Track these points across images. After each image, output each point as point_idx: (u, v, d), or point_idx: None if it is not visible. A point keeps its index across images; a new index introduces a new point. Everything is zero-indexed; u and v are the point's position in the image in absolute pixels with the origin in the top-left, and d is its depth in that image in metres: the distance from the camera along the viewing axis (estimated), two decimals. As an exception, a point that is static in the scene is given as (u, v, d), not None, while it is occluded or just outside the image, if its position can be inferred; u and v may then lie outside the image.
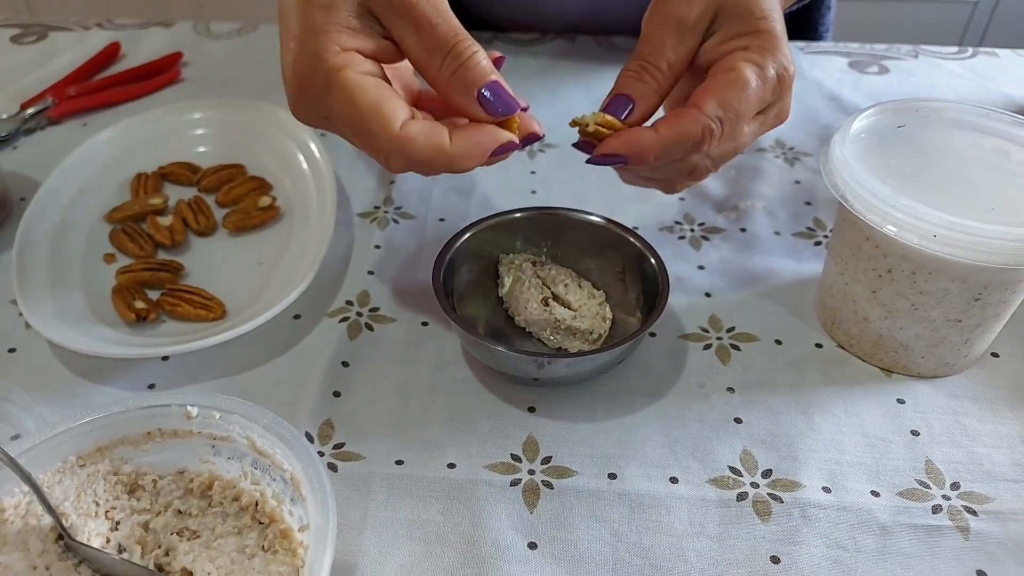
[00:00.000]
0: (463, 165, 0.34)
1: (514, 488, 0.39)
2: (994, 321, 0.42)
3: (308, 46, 0.33)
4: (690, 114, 0.37)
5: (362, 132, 0.33)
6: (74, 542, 0.32)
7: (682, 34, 0.38)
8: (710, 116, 0.36)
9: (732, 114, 0.37)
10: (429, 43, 0.34)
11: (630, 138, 0.37)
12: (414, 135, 0.33)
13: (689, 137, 0.37)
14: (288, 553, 0.32)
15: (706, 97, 0.37)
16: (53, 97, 0.65)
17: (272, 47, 0.75)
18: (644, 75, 0.38)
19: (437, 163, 0.34)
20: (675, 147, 0.37)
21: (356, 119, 0.33)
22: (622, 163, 0.38)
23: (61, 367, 0.44)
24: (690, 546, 0.37)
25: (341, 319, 0.48)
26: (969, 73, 0.72)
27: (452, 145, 0.34)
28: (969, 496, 0.39)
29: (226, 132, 0.61)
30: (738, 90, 0.37)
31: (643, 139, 0.37)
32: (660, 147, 0.37)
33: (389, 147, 0.33)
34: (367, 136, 0.33)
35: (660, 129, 0.37)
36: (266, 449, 0.34)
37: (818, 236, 0.54)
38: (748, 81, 0.37)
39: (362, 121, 0.33)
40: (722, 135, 0.37)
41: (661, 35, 0.38)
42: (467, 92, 0.34)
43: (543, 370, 0.40)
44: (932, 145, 0.44)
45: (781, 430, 0.41)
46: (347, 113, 0.33)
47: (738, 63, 0.37)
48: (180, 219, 0.53)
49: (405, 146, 0.33)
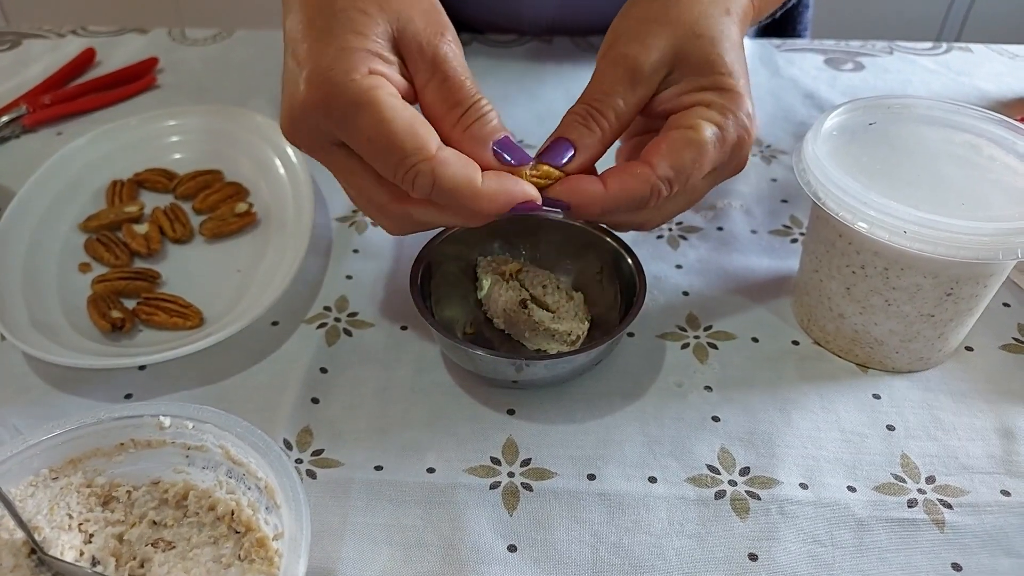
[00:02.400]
0: (486, 207, 0.34)
1: (494, 491, 0.39)
2: (967, 315, 0.42)
3: (339, 64, 0.33)
4: (640, 172, 0.36)
5: (395, 152, 0.32)
6: (47, 556, 0.32)
7: (635, 82, 0.37)
8: (660, 177, 0.36)
9: (683, 176, 0.36)
10: (452, 96, 0.35)
11: (576, 187, 0.36)
12: (449, 159, 0.33)
13: (636, 196, 0.36)
14: (265, 562, 0.32)
15: (659, 156, 0.36)
16: (27, 105, 0.65)
17: (248, 53, 0.74)
18: (590, 122, 0.37)
19: (463, 195, 0.33)
20: (622, 204, 0.36)
21: (390, 139, 0.32)
22: (565, 208, 0.37)
23: (36, 378, 0.44)
24: (669, 545, 0.37)
25: (319, 325, 0.47)
26: (943, 69, 0.73)
27: (483, 183, 0.34)
28: (944, 489, 0.39)
29: (202, 138, 0.61)
30: (694, 152, 0.36)
31: (590, 191, 0.36)
32: (606, 202, 0.36)
33: (422, 166, 0.33)
34: (400, 156, 0.32)
35: (608, 183, 0.36)
36: (240, 458, 0.33)
37: (794, 233, 0.54)
38: (705, 143, 0.36)
39: (397, 141, 0.32)
40: (670, 195, 0.37)
41: (612, 78, 0.37)
42: (483, 143, 0.35)
43: (522, 373, 0.40)
44: (903, 141, 0.44)
45: (758, 427, 0.42)
46: (378, 134, 0.32)
47: (698, 121, 0.36)
48: (156, 227, 0.53)
49: (438, 167, 0.33)
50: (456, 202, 0.34)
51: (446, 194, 0.33)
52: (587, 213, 0.37)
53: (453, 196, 0.33)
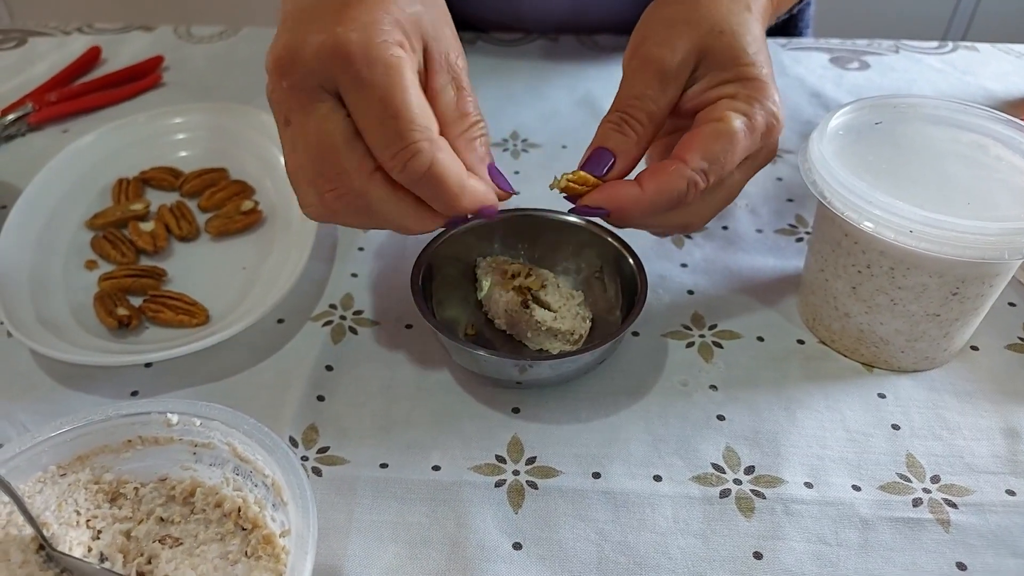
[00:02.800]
0: (464, 202, 0.35)
1: (499, 489, 0.39)
2: (972, 315, 0.42)
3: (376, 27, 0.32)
4: (675, 168, 0.36)
5: (402, 121, 0.32)
6: (55, 552, 0.32)
7: (664, 82, 0.37)
8: (695, 169, 0.36)
9: (718, 167, 0.36)
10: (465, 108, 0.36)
11: (613, 193, 0.37)
12: (447, 147, 0.34)
13: (673, 192, 0.36)
14: (271, 559, 0.32)
15: (691, 150, 0.36)
16: (33, 103, 0.65)
17: (254, 51, 0.74)
18: (625, 128, 0.38)
19: (451, 185, 0.33)
20: (660, 202, 0.36)
21: (404, 106, 0.32)
22: (605, 215, 0.38)
23: (43, 375, 0.44)
24: (674, 543, 0.37)
25: (324, 323, 0.47)
26: (949, 68, 0.73)
27: (468, 177, 0.35)
28: (949, 489, 0.39)
29: (208, 136, 0.61)
30: (724, 142, 0.36)
31: (626, 194, 0.37)
32: (645, 203, 0.36)
33: (423, 146, 0.32)
34: (406, 127, 0.32)
35: (644, 184, 0.36)
36: (247, 455, 0.34)
37: (800, 233, 0.54)
38: (735, 133, 0.36)
39: (410, 111, 0.32)
40: (708, 187, 0.37)
41: (642, 82, 0.38)
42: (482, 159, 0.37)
43: (526, 373, 0.40)
44: (909, 141, 0.44)
45: (764, 427, 0.42)
46: (393, 98, 0.32)
47: (726, 113, 0.36)
48: (162, 224, 0.53)
49: (438, 152, 0.33)
50: (442, 194, 0.34)
51: (437, 181, 0.33)
52: (628, 217, 0.37)
53: (441, 184, 0.33)
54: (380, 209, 0.35)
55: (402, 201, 0.35)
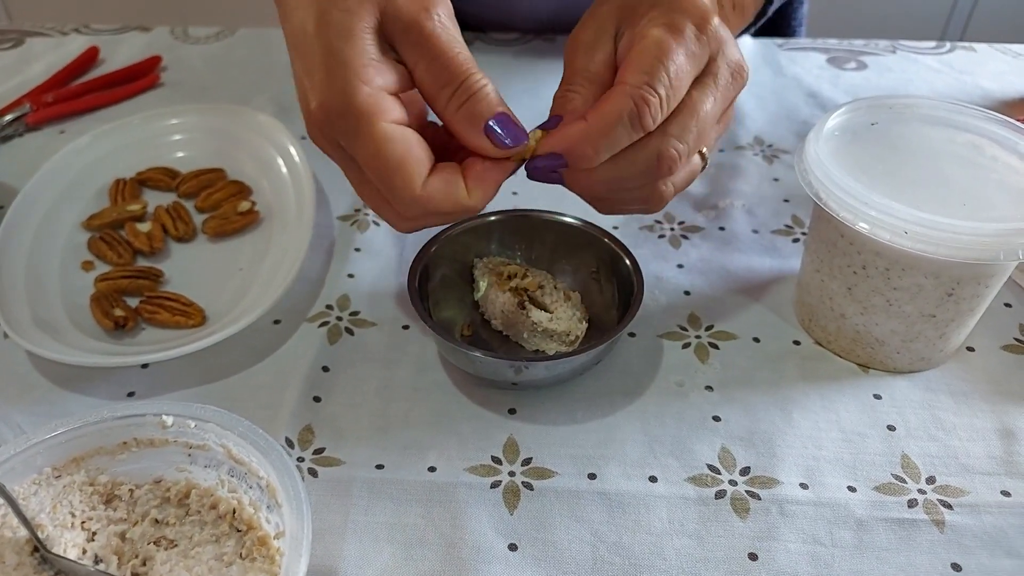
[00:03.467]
0: (479, 209, 0.36)
1: (494, 490, 0.39)
2: (968, 316, 0.42)
3: (337, 83, 0.33)
4: (614, 91, 0.35)
5: (386, 183, 0.34)
6: (50, 554, 0.32)
7: (589, 51, 0.37)
8: (635, 84, 0.34)
9: (662, 76, 0.34)
10: (442, 75, 0.34)
11: (560, 133, 0.35)
12: (433, 193, 0.34)
13: (621, 112, 0.34)
14: (266, 560, 0.32)
15: (624, 71, 0.35)
16: (30, 103, 0.65)
17: (251, 51, 0.74)
18: (568, 94, 0.37)
19: (455, 215, 0.35)
20: (611, 128, 0.34)
21: (381, 170, 0.33)
22: (562, 164, 0.36)
23: (39, 376, 0.44)
24: (669, 544, 0.37)
25: (321, 324, 0.47)
26: (947, 68, 0.73)
27: (470, 196, 0.35)
28: (944, 490, 0.39)
29: (205, 137, 0.61)
30: (652, 52, 0.34)
31: (573, 130, 0.35)
32: (593, 131, 0.34)
33: (410, 206, 0.34)
34: (389, 188, 0.34)
35: (588, 115, 0.35)
36: (242, 457, 0.34)
37: (796, 233, 0.54)
38: (660, 40, 0.34)
39: (387, 174, 0.33)
40: (664, 103, 0.34)
41: (572, 60, 0.38)
42: (475, 124, 0.34)
43: (521, 374, 0.40)
44: (905, 141, 0.44)
45: (759, 427, 0.42)
46: (372, 162, 0.34)
47: (645, 30, 0.36)
48: (159, 225, 0.53)
49: (425, 204, 0.34)
50: (448, 217, 0.36)
51: (439, 219, 0.36)
52: (582, 153, 0.35)
53: (448, 218, 0.36)
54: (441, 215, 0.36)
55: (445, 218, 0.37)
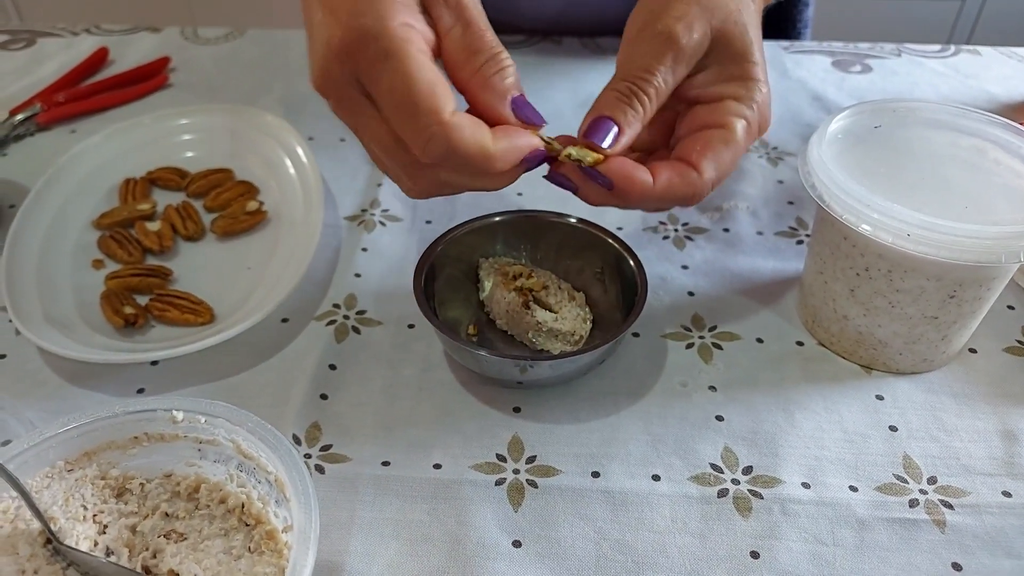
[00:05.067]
0: (498, 166, 0.34)
1: (499, 487, 0.39)
2: (970, 318, 0.43)
3: (370, 10, 0.32)
4: (689, 175, 0.36)
5: (411, 109, 0.32)
6: (62, 546, 0.32)
7: (677, 60, 0.36)
8: (706, 180, 0.36)
9: (724, 174, 0.37)
10: (473, 43, 0.34)
11: (628, 173, 0.35)
12: (462, 124, 0.33)
13: (683, 195, 0.36)
14: (274, 554, 0.33)
15: (705, 159, 0.36)
16: (42, 103, 0.66)
17: (260, 52, 0.75)
18: (632, 100, 0.36)
19: (475, 158, 0.33)
20: (666, 200, 0.36)
21: (408, 95, 0.32)
22: (605, 187, 0.36)
23: (51, 373, 0.45)
24: (672, 542, 0.37)
25: (328, 322, 0.48)
26: (952, 71, 0.73)
27: (493, 144, 0.33)
28: (946, 490, 0.39)
29: (214, 137, 0.61)
30: (732, 152, 0.37)
31: (638, 179, 0.35)
32: (652, 195, 0.36)
33: (435, 131, 0.32)
34: (414, 115, 0.32)
35: (657, 177, 0.36)
36: (251, 452, 0.34)
37: (800, 235, 0.55)
38: (740, 143, 0.37)
39: (414, 98, 0.32)
40: (715, 188, 0.37)
41: (654, 55, 0.36)
42: (500, 96, 0.34)
43: (526, 373, 0.41)
44: (908, 145, 0.44)
45: (762, 427, 0.42)
46: (399, 87, 0.32)
47: (731, 120, 0.37)
48: (168, 224, 0.54)
49: (451, 132, 0.32)
50: (471, 168, 0.34)
51: (460, 159, 0.33)
52: (629, 198, 0.36)
53: (467, 161, 0.33)
54: (453, 182, 0.35)
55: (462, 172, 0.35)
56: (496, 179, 0.35)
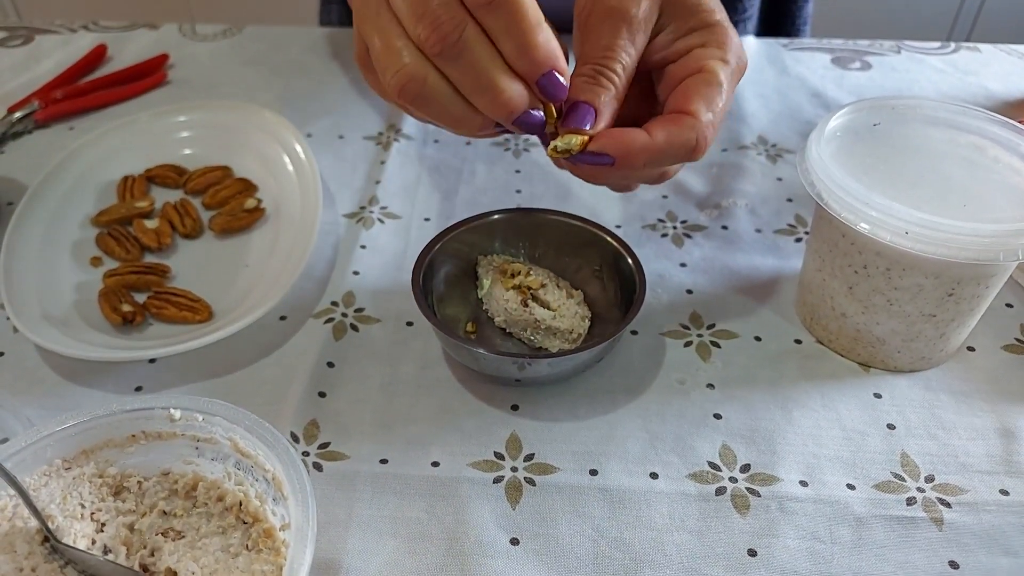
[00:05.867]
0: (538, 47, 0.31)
1: (497, 485, 0.39)
2: (968, 315, 0.43)
3: None
4: (683, 120, 0.35)
5: None
6: (60, 544, 0.32)
7: (632, 32, 0.36)
8: (704, 122, 0.35)
9: (719, 116, 0.36)
10: None
11: (620, 138, 0.35)
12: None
13: (686, 144, 0.35)
14: (272, 552, 0.33)
15: (691, 102, 0.36)
16: (40, 101, 0.65)
17: (258, 49, 0.75)
18: (601, 79, 0.36)
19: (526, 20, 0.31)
20: (670, 152, 0.35)
21: None
22: (608, 163, 0.35)
23: (48, 370, 0.45)
24: (670, 540, 0.37)
25: (326, 320, 0.48)
26: (951, 68, 0.73)
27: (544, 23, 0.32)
28: (943, 488, 0.39)
29: (212, 134, 0.61)
30: (716, 90, 0.36)
31: (635, 139, 0.35)
32: (655, 150, 0.35)
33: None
34: None
35: (654, 132, 0.35)
36: (248, 450, 0.34)
37: (799, 233, 0.55)
38: (722, 81, 0.37)
39: None
40: (716, 134, 0.36)
41: (610, 33, 0.36)
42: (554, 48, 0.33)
43: (524, 371, 0.41)
44: (907, 142, 0.44)
45: (760, 425, 0.42)
46: None
47: (708, 63, 0.37)
48: (166, 222, 0.54)
49: None
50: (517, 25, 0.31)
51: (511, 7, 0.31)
52: (632, 162, 0.35)
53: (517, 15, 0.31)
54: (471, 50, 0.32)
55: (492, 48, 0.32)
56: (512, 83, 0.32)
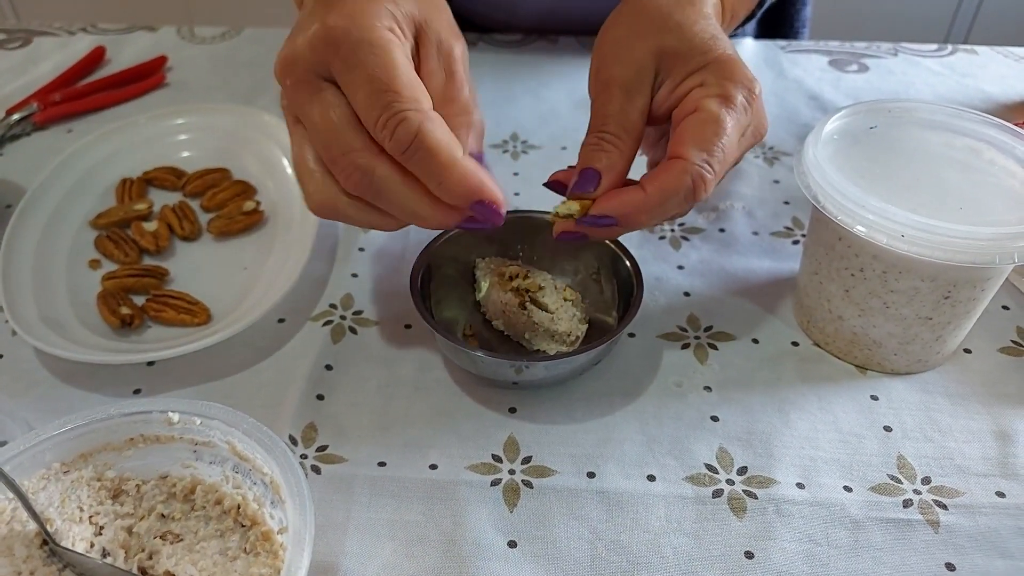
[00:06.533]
0: (457, 183, 0.33)
1: (494, 488, 0.39)
2: (964, 318, 0.43)
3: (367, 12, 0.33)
4: (674, 166, 0.36)
5: (391, 93, 0.32)
6: (58, 547, 0.32)
7: (629, 94, 0.38)
8: (696, 162, 0.35)
9: (719, 153, 0.36)
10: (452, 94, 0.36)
11: (617, 199, 0.36)
12: (438, 121, 0.33)
13: (680, 189, 0.36)
14: (270, 555, 0.33)
15: (683, 144, 0.36)
16: (38, 103, 0.66)
17: (256, 52, 0.75)
18: (604, 144, 0.37)
19: (441, 159, 0.32)
20: (667, 201, 0.36)
21: (391, 80, 0.32)
22: (612, 224, 0.36)
23: (47, 373, 0.45)
24: (667, 542, 0.37)
25: (324, 322, 0.48)
26: (948, 71, 0.73)
27: (463, 157, 0.33)
28: (940, 490, 0.39)
29: (210, 137, 0.61)
30: (712, 127, 0.36)
31: (631, 198, 0.36)
32: (651, 203, 0.36)
33: (412, 114, 0.32)
34: (394, 96, 0.32)
35: (646, 186, 0.36)
36: (246, 453, 0.34)
37: (796, 235, 0.55)
38: (718, 115, 0.36)
39: (397, 83, 0.32)
40: (716, 176, 0.36)
41: (608, 102, 0.38)
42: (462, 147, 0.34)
43: (522, 374, 0.41)
44: (903, 145, 0.44)
45: (757, 428, 0.42)
46: (382, 72, 0.32)
47: (700, 101, 0.36)
48: (165, 224, 0.54)
49: (427, 122, 0.32)
50: (431, 167, 0.33)
51: (424, 152, 0.32)
52: (635, 222, 0.37)
53: (430, 156, 0.32)
54: (386, 189, 0.34)
55: (408, 182, 0.34)
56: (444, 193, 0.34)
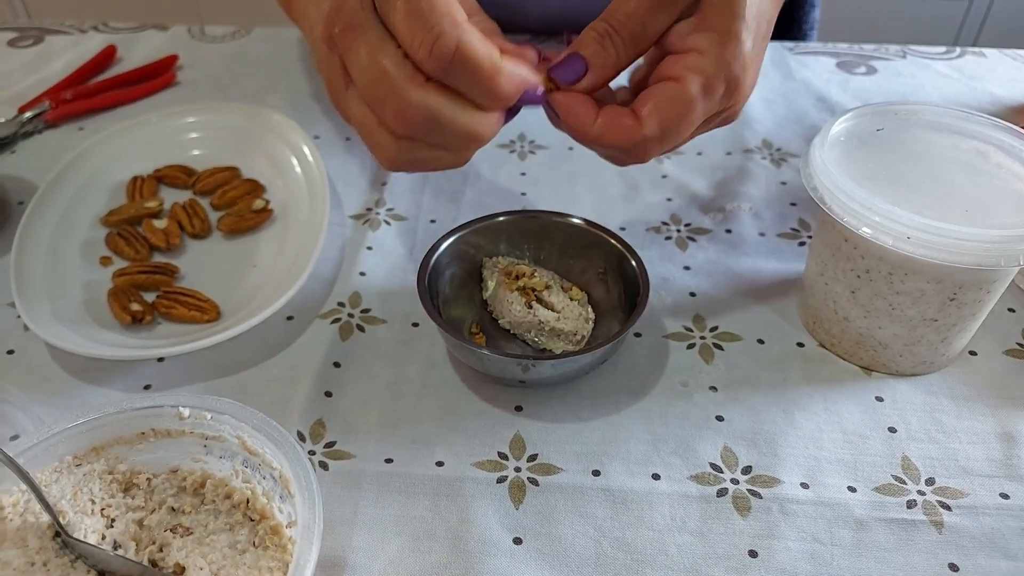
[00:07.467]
0: (503, 83, 0.33)
1: (500, 485, 0.40)
2: (970, 320, 0.43)
3: None
4: (630, 125, 0.35)
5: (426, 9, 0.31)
6: (71, 539, 0.33)
7: (658, 6, 0.35)
8: (648, 135, 0.35)
9: (673, 135, 0.35)
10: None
11: (574, 107, 0.35)
12: (474, 32, 0.32)
13: (619, 145, 0.35)
14: (278, 549, 0.33)
15: (646, 110, 0.35)
16: (50, 101, 0.66)
17: (267, 50, 0.76)
18: (606, 41, 0.36)
19: (483, 66, 0.32)
20: (605, 143, 0.36)
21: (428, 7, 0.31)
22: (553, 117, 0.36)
23: (58, 368, 0.45)
24: (671, 541, 0.37)
25: (333, 320, 0.48)
26: (956, 73, 0.73)
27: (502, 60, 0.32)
28: (944, 491, 0.40)
29: (221, 135, 0.62)
30: (680, 107, 0.35)
31: (583, 116, 0.35)
32: (591, 134, 0.35)
33: (446, 29, 0.31)
34: (429, 13, 0.31)
35: (600, 118, 0.35)
36: (256, 448, 0.35)
37: (802, 237, 0.55)
38: (692, 99, 0.35)
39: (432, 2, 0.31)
40: (659, 152, 0.36)
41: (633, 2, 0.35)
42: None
43: (528, 372, 0.41)
44: (910, 148, 0.44)
45: (762, 427, 0.42)
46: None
47: (686, 74, 0.35)
48: (175, 222, 0.54)
49: (463, 34, 0.31)
50: (474, 74, 0.32)
51: (465, 62, 0.32)
52: (573, 133, 0.36)
53: (473, 65, 0.32)
54: (444, 116, 0.33)
55: (462, 102, 0.34)
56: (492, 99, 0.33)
